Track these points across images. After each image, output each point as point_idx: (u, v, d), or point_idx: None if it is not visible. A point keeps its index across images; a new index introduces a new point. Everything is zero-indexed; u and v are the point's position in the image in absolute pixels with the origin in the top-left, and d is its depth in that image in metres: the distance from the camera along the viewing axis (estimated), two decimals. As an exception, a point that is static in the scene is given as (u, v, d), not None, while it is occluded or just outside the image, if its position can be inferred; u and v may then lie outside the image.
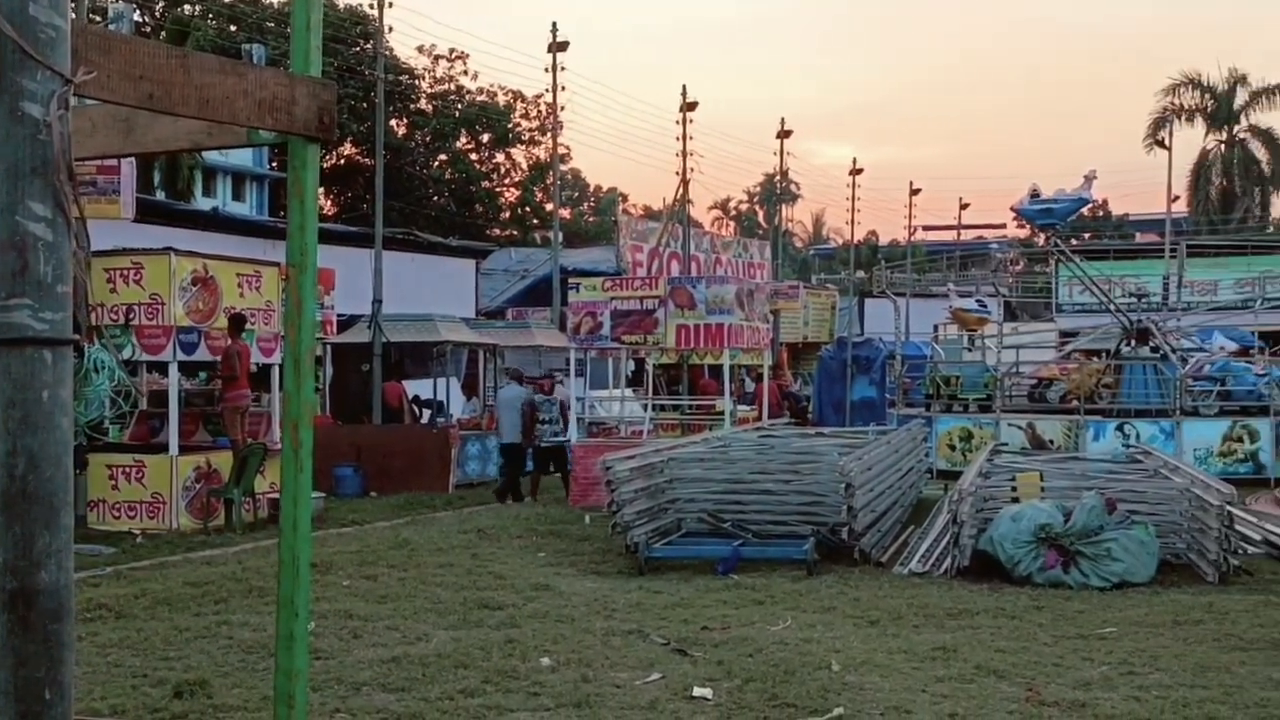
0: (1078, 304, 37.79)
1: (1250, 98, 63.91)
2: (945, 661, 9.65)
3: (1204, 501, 13.59)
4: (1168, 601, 12.18)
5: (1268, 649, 10.17)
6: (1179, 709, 8.32)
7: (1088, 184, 26.18)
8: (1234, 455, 23.40)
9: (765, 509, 15.16)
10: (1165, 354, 25.02)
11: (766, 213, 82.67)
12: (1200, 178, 65.31)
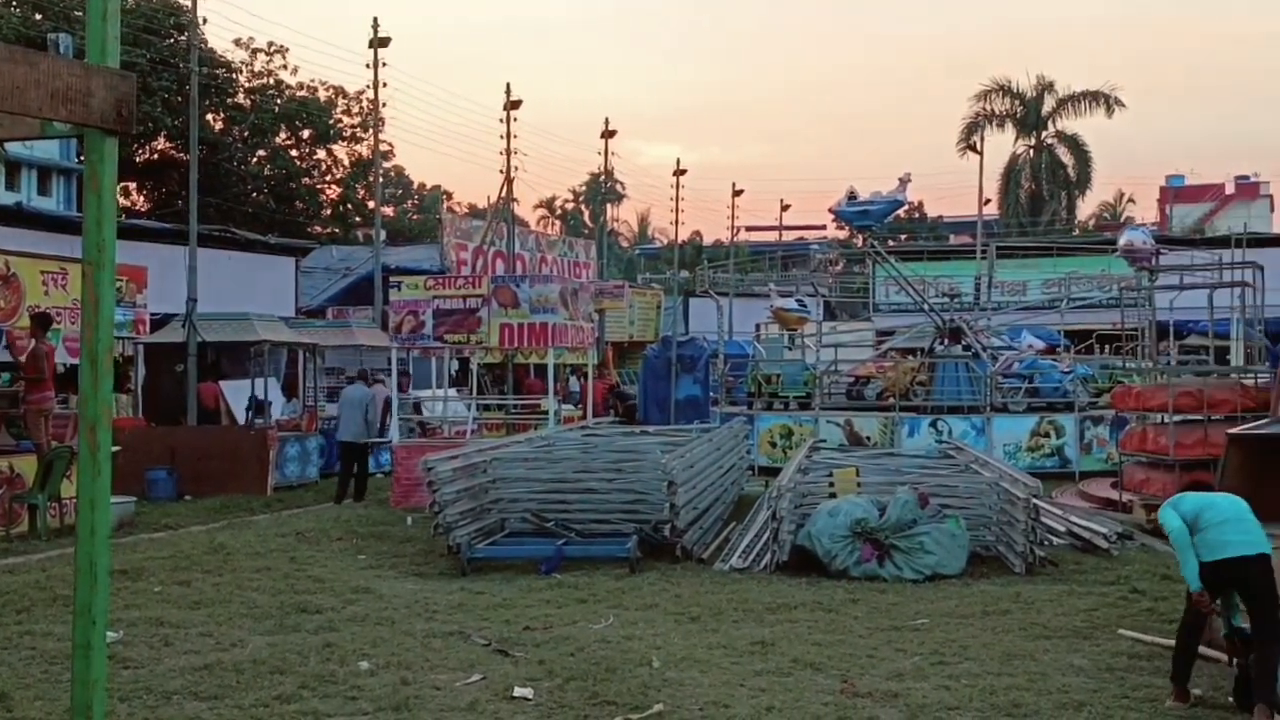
0: (894, 304, 38.69)
1: (1057, 104, 66.25)
2: (764, 656, 9.79)
3: (1012, 495, 14.04)
4: (977, 592, 12.55)
5: (1070, 637, 10.55)
6: (986, 696, 8.58)
7: (903, 186, 26.84)
8: (1041, 450, 24.22)
9: (589, 508, 15.19)
10: (976, 352, 25.79)
11: (592, 212, 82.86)
12: (1010, 181, 67.52)
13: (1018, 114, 66.50)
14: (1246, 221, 44.08)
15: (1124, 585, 12.82)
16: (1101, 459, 23.99)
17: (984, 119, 65.43)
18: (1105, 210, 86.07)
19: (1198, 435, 17.02)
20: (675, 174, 63.24)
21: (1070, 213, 69.90)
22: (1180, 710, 8.25)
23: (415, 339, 21.80)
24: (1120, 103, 64.79)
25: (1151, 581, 13.03)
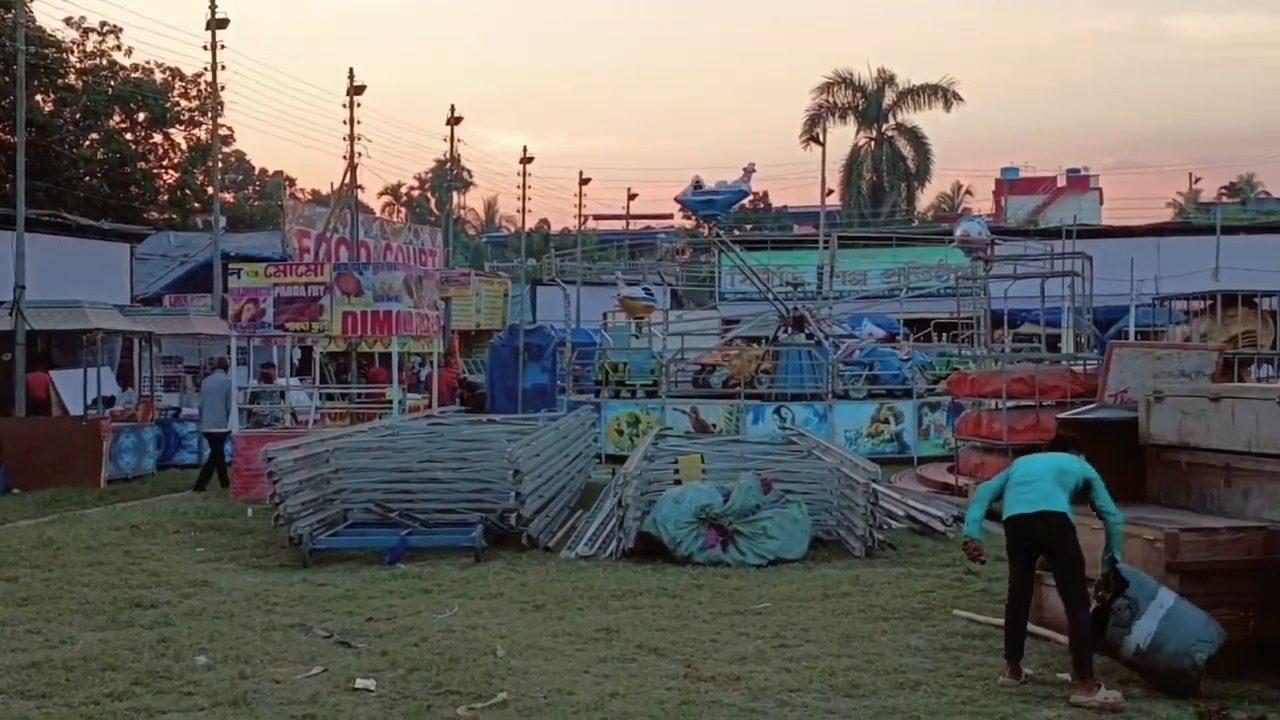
0: (739, 292, 39.13)
1: (898, 97, 67.55)
2: (608, 642, 9.82)
3: (852, 480, 14.30)
4: (818, 576, 12.76)
5: (908, 618, 10.79)
6: (826, 677, 8.73)
7: (747, 176, 27.11)
8: (881, 436, 24.71)
9: (434, 497, 15.07)
10: (819, 340, 26.19)
11: (438, 199, 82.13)
12: (852, 173, 68.67)
13: (859, 106, 67.64)
14: (1076, 214, 45.48)
15: (959, 567, 13.10)
16: (939, 444, 24.57)
17: (826, 111, 66.44)
18: (944, 201, 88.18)
19: (1030, 420, 17.52)
20: (522, 162, 63.12)
21: (910, 204, 71.38)
22: (1012, 687, 8.49)
23: (255, 327, 21.37)
24: (958, 96, 66.34)
25: (986, 562, 13.35)
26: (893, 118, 68.31)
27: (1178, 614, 8.34)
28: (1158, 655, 8.27)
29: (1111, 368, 13.27)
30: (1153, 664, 8.33)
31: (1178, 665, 8.21)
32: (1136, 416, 10.61)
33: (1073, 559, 8.54)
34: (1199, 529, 9.01)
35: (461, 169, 74.12)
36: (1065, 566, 8.60)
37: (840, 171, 68.45)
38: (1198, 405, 10.06)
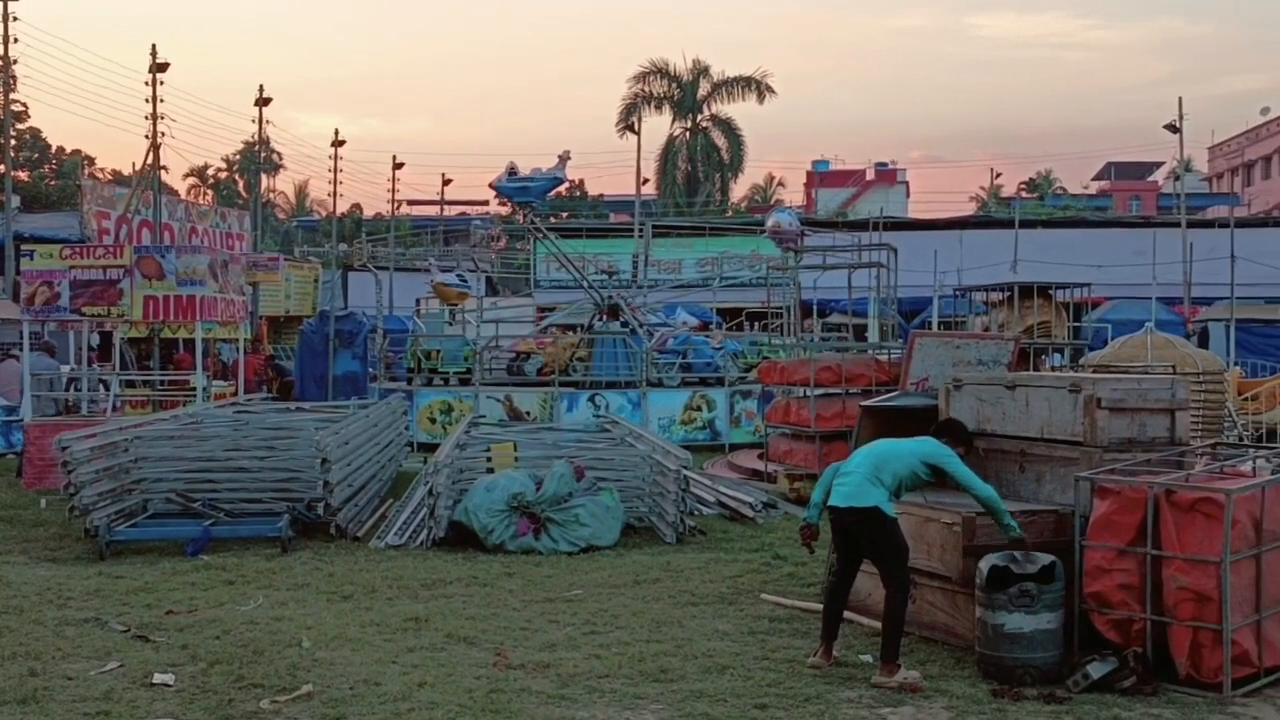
0: (555, 280, 39.11)
1: (712, 89, 68.33)
2: (417, 632, 9.72)
3: (663, 467, 14.42)
4: (630, 562, 12.83)
5: (716, 603, 10.92)
6: (635, 663, 8.78)
7: (562, 164, 27.07)
8: (694, 423, 24.96)
9: (239, 487, 14.72)
10: (634, 329, 26.32)
11: (247, 182, 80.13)
12: (668, 162, 69.26)
13: (675, 96, 68.21)
14: (883, 206, 46.59)
15: (767, 552, 13.36)
16: (750, 431, 24.92)
17: (642, 100, 66.88)
18: (757, 193, 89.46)
19: (836, 408, 17.89)
20: (334, 145, 61.90)
21: (724, 194, 72.27)
22: (820, 668, 8.65)
23: (49, 311, 20.57)
24: (771, 89, 67.45)
25: (793, 548, 13.53)
26: (707, 108, 69.10)
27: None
28: (1014, 648, 8.44)
29: (913, 356, 13.61)
30: (1003, 653, 8.46)
31: (1025, 667, 8.39)
32: (937, 404, 10.90)
33: (886, 551, 8.68)
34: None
35: (271, 151, 72.52)
36: (880, 558, 8.78)
37: (656, 161, 68.99)
38: (994, 393, 10.39)
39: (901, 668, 8.36)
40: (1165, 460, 9.59)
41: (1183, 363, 18.49)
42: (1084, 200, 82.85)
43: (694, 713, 7.71)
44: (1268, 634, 8.46)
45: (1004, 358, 13.16)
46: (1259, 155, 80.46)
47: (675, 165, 69.19)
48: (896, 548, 8.69)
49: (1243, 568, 8.32)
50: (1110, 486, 8.82)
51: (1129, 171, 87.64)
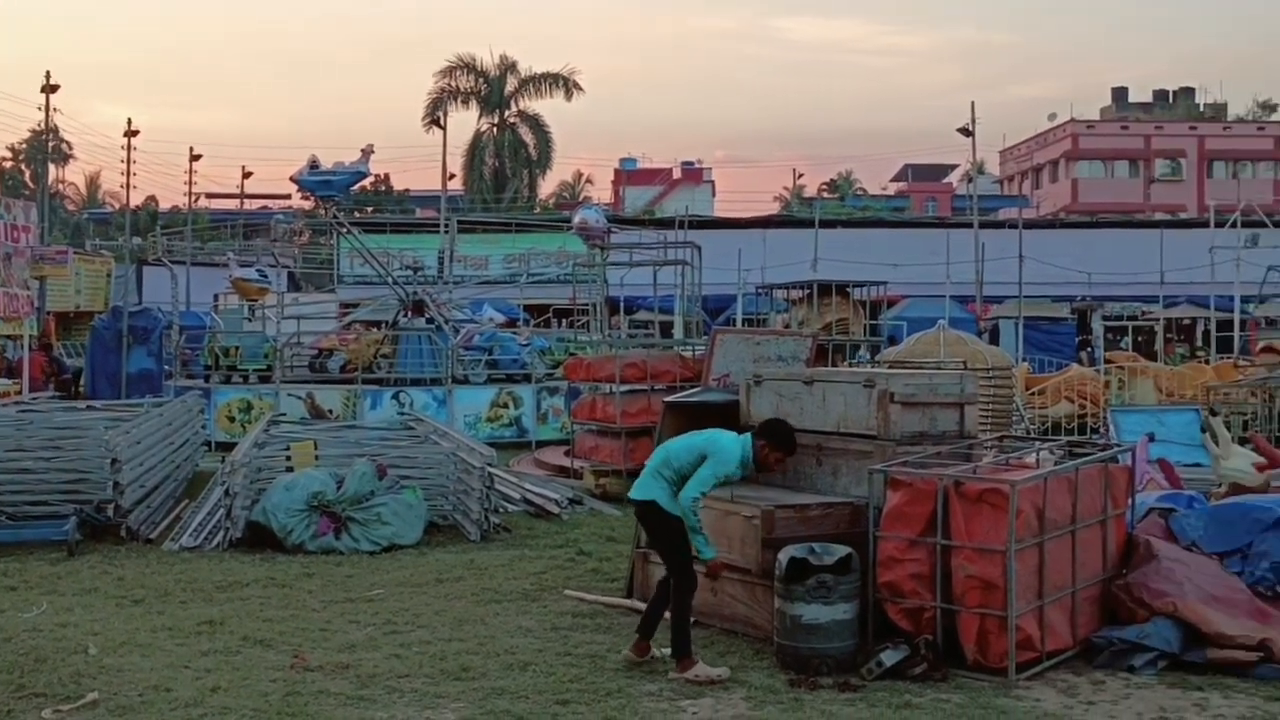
0: (359, 276, 38.49)
1: (520, 85, 68.16)
2: (211, 636, 9.47)
3: (468, 465, 14.32)
4: (433, 561, 12.71)
5: (520, 600, 10.89)
6: (436, 662, 8.70)
7: (365, 158, 26.67)
8: (500, 420, 24.84)
9: (23, 489, 14.11)
10: (439, 325, 26.09)
11: (34, 172, 76.98)
12: (475, 158, 68.85)
13: (482, 92, 67.85)
14: (689, 205, 47.09)
15: (572, 548, 13.39)
16: (557, 428, 24.92)
17: (449, 95, 66.31)
18: (565, 189, 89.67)
19: (642, 404, 18.01)
20: (127, 135, 59.97)
21: (532, 190, 72.17)
22: (631, 661, 8.66)
23: None
24: (579, 86, 67.60)
25: (597, 543, 13.69)
26: (515, 105, 68.91)
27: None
28: (810, 638, 8.56)
29: (715, 353, 13.81)
30: (799, 643, 8.59)
31: (822, 656, 8.52)
32: (738, 399, 11.05)
33: (665, 544, 8.77)
34: (793, 505, 9.47)
35: (59, 140, 69.79)
36: (660, 550, 8.93)
37: (463, 156, 68.49)
38: (793, 389, 10.58)
39: (698, 661, 8.42)
40: (955, 453, 9.91)
41: (973, 359, 19.11)
42: (883, 201, 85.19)
43: (495, 710, 7.68)
44: (1050, 619, 8.79)
45: (802, 354, 13.43)
46: (1047, 159, 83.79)
47: (483, 161, 68.82)
48: (673, 543, 8.71)
49: (1027, 556, 8.63)
50: (902, 479, 9.07)
51: (925, 174, 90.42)
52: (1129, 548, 9.67)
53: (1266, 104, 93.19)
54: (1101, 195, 76.68)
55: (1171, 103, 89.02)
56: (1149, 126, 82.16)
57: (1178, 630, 8.79)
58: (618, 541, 13.45)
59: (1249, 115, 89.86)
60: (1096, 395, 23.03)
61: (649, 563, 10.59)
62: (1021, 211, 51.17)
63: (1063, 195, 78.79)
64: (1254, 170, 79.39)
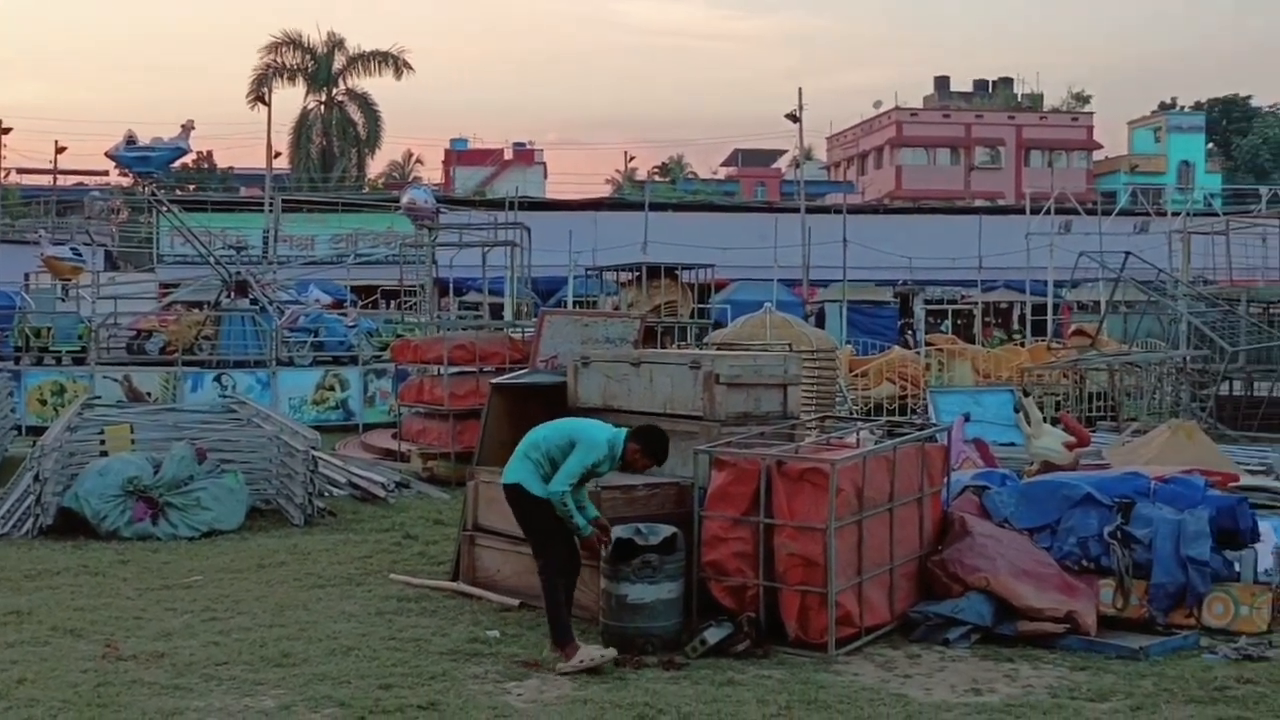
0: (180, 255, 37.42)
1: (348, 62, 67.01)
2: (19, 626, 9.15)
3: (291, 448, 14.07)
4: (255, 546, 12.46)
5: (343, 584, 10.75)
6: (256, 649, 8.53)
7: (185, 133, 25.93)
8: (327, 403, 24.44)
9: None
10: (263, 306, 25.56)
11: None
12: (301, 136, 67.44)
13: (309, 69, 66.53)
14: (519, 186, 46.89)
15: (399, 531, 13.26)
16: (384, 411, 24.60)
17: (274, 72, 64.87)
18: (395, 169, 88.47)
19: (470, 386, 17.87)
20: (-69, 107, 57.32)
21: (361, 170, 71.07)
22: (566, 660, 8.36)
23: None
24: (409, 65, 66.69)
25: (425, 527, 13.58)
26: (343, 82, 67.71)
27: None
28: (636, 618, 8.60)
29: (543, 334, 13.77)
30: (625, 623, 8.61)
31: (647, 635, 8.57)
32: (566, 381, 11.04)
33: (532, 530, 8.59)
34: (619, 486, 9.50)
35: None
36: (526, 535, 8.74)
37: (289, 134, 67.13)
38: (620, 370, 10.63)
39: (580, 646, 8.22)
40: (778, 433, 10.07)
41: (798, 341, 19.39)
42: (713, 185, 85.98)
43: (316, 696, 7.55)
44: (869, 595, 8.99)
45: (630, 336, 13.48)
46: (872, 146, 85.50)
47: (309, 140, 67.47)
48: (541, 529, 8.55)
49: (847, 534, 8.81)
50: (726, 459, 9.18)
51: (755, 159, 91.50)
52: (945, 525, 9.94)
53: (1080, 95, 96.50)
54: (924, 182, 78.53)
55: (991, 92, 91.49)
56: (969, 115, 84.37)
57: (990, 604, 9.07)
58: (445, 525, 13.35)
59: (1064, 106, 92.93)
60: (917, 377, 23.64)
61: (475, 545, 10.55)
62: (846, 197, 52.19)
63: (887, 181, 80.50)
64: (1068, 160, 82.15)
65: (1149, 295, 24.09)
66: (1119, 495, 10.03)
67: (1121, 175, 73.77)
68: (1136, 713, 7.36)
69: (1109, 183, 74.92)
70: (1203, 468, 12.34)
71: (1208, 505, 10.00)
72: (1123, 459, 14.04)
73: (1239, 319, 22.43)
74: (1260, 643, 8.85)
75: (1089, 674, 8.17)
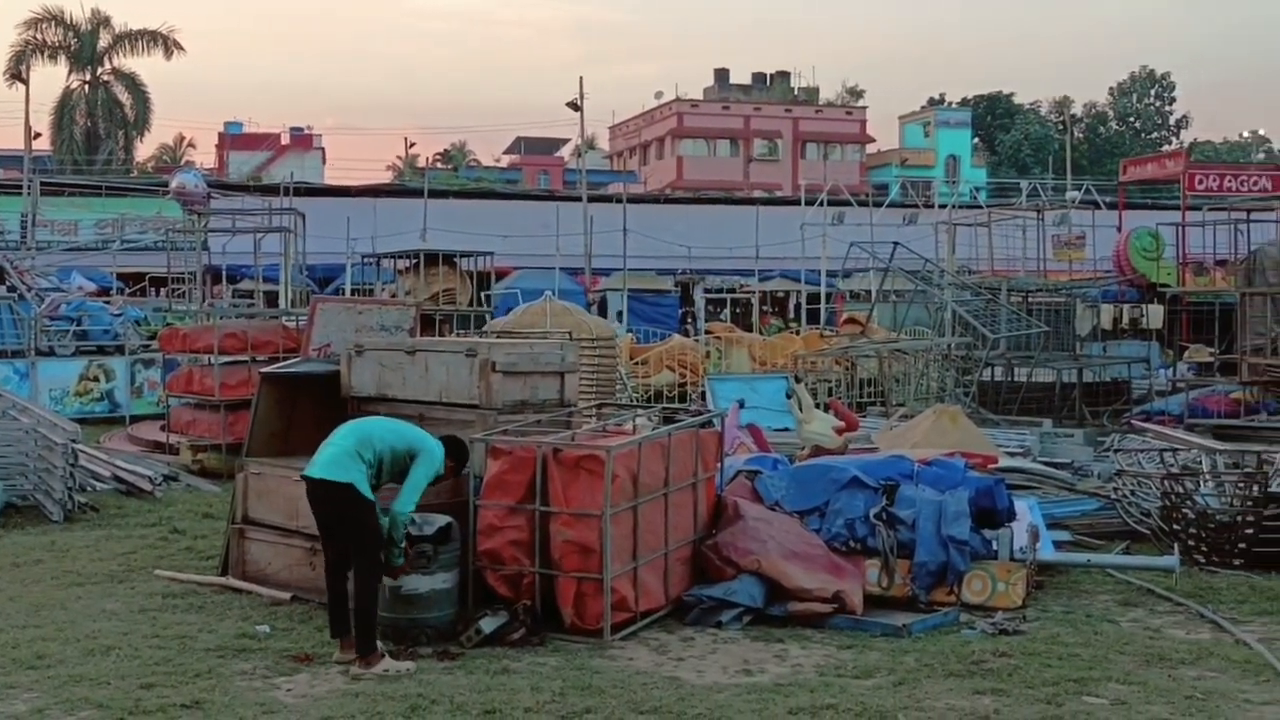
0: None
1: (114, 40, 64.45)
2: None
3: (50, 441, 13.49)
4: (9, 544, 11.93)
5: (105, 582, 10.35)
6: (8, 650, 8.17)
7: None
8: (90, 394, 23.50)
9: None
10: (21, 293, 24.44)
11: None
12: (64, 116, 64.60)
13: (71, 46, 63.76)
14: (294, 171, 45.79)
15: (165, 526, 12.86)
16: (153, 402, 23.78)
17: (33, 48, 62.01)
18: (165, 153, 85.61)
19: (242, 375, 17.39)
20: None
21: (128, 153, 68.45)
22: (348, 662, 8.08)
23: None
24: (179, 45, 64.46)
25: (193, 521, 13.20)
26: (109, 61, 65.10)
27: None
28: (410, 609, 8.50)
29: (315, 322, 13.45)
30: (399, 614, 8.51)
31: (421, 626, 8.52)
32: (339, 369, 10.83)
33: (356, 533, 8.15)
34: (393, 476, 9.36)
35: None
36: (349, 539, 8.21)
37: (50, 115, 64.26)
38: (395, 358, 10.47)
39: (385, 656, 7.97)
40: (555, 421, 10.08)
41: (578, 329, 19.49)
42: (496, 173, 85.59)
43: (72, 698, 7.25)
44: (644, 580, 9.08)
45: (406, 324, 13.31)
46: (654, 137, 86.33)
47: (72, 120, 64.62)
48: (369, 531, 8.18)
49: (622, 519, 8.87)
50: (502, 447, 9.15)
51: (538, 147, 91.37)
52: (718, 509, 10.09)
53: (854, 90, 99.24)
54: (705, 173, 79.68)
55: (769, 85, 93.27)
56: (748, 108, 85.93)
57: (762, 586, 9.26)
58: (214, 518, 12.97)
59: (838, 100, 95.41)
60: (696, 364, 23.98)
61: (245, 539, 10.29)
62: (626, 187, 52.51)
63: (669, 172, 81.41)
64: (842, 152, 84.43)
65: (916, 284, 24.89)
66: (884, 478, 10.37)
67: (893, 168, 76.15)
68: (899, 688, 7.60)
69: (881, 175, 77.23)
70: (965, 450, 12.83)
71: (967, 486, 10.43)
72: (891, 443, 14.48)
73: (1000, 307, 23.38)
74: (1015, 617, 9.25)
75: (855, 652, 8.41)
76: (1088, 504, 12.90)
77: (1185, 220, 29.53)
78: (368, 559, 8.20)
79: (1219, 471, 12.07)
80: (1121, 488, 12.56)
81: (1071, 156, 60.32)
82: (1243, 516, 11.03)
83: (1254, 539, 10.91)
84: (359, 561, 8.20)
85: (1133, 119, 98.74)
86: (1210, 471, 12.21)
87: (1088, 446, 16.92)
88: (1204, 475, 12.11)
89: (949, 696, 7.44)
